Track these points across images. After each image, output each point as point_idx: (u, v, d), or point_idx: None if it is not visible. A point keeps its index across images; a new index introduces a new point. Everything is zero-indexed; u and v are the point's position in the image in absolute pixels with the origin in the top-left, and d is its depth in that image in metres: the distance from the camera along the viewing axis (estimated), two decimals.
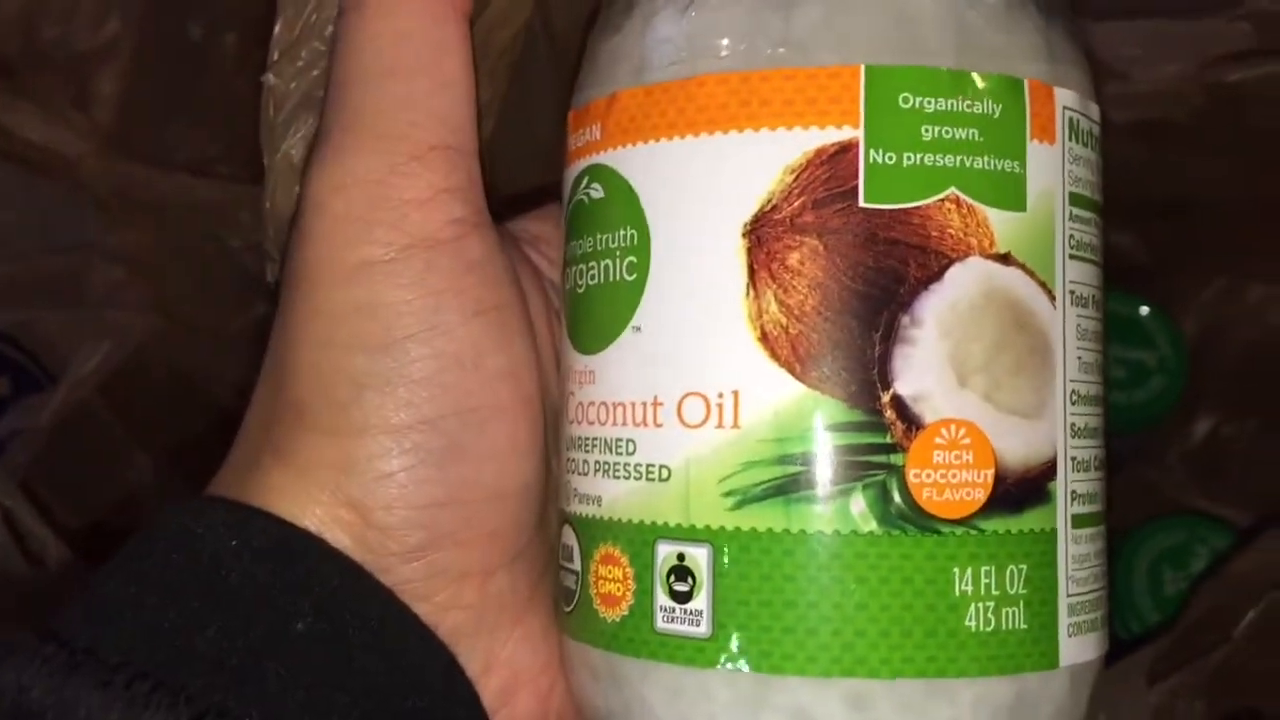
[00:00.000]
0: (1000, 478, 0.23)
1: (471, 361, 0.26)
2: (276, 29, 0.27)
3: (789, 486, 0.23)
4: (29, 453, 0.47)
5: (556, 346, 0.28)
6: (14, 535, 0.44)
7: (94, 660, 0.24)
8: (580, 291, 0.26)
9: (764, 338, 0.23)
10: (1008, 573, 0.23)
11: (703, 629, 0.24)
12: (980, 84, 0.24)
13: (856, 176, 0.23)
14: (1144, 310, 0.49)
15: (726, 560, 0.23)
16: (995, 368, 0.23)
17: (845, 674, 0.23)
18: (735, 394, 0.23)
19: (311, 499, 0.25)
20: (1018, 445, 0.24)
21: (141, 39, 0.44)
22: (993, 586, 0.23)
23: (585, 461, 0.26)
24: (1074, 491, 0.25)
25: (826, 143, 0.23)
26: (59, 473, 0.47)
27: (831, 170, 0.23)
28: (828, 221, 0.23)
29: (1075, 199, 0.25)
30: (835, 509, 0.23)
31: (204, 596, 0.25)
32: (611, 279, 0.25)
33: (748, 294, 0.23)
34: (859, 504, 0.23)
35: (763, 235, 0.23)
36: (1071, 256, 0.25)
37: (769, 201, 0.23)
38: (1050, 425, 0.24)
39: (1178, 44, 0.35)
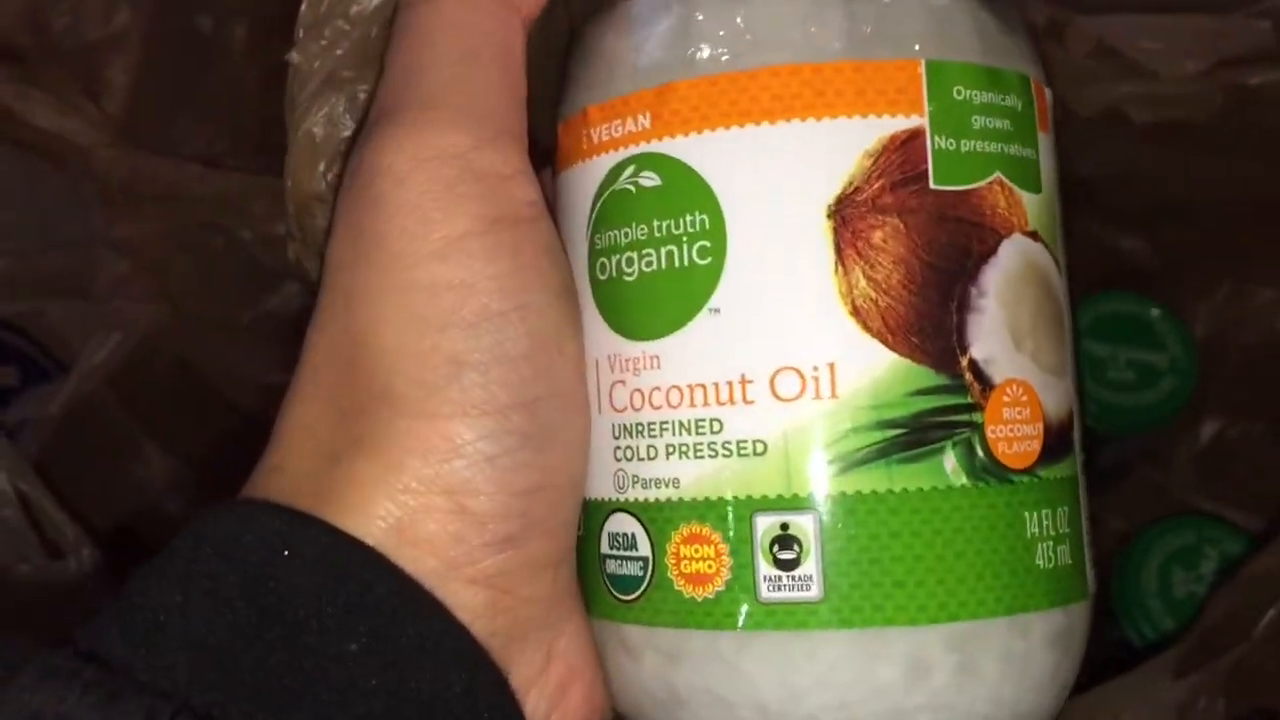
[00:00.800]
0: (1047, 429, 0.26)
1: (557, 344, 0.25)
2: (302, 7, 0.26)
3: (889, 449, 0.25)
4: (38, 442, 0.44)
5: None
6: (30, 520, 0.40)
7: (135, 687, 0.22)
8: (629, 279, 0.26)
9: (855, 311, 0.25)
10: (1058, 514, 0.26)
11: (813, 592, 0.25)
12: (1007, 79, 0.26)
13: (925, 161, 0.25)
14: (1155, 312, 0.49)
15: (834, 524, 0.25)
16: (1038, 331, 0.26)
17: (950, 619, 0.25)
18: (831, 366, 0.25)
19: (403, 488, 0.24)
20: (1055, 400, 0.26)
21: (151, 30, 0.40)
22: (1050, 527, 0.26)
23: (651, 447, 0.26)
24: (1081, 441, 0.28)
25: (899, 130, 0.25)
26: (67, 463, 0.44)
27: (905, 155, 0.25)
28: (905, 202, 0.25)
29: (1058, 182, 0.28)
30: (931, 467, 0.25)
31: (252, 611, 0.24)
32: (677, 264, 0.26)
33: (837, 271, 0.25)
34: (950, 460, 0.25)
35: (847, 216, 0.25)
36: (1063, 232, 0.28)
37: (850, 184, 0.25)
38: (1069, 381, 0.27)
39: (1197, 40, 0.36)
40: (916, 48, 0.26)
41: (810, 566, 0.25)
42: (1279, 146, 0.40)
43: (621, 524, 0.27)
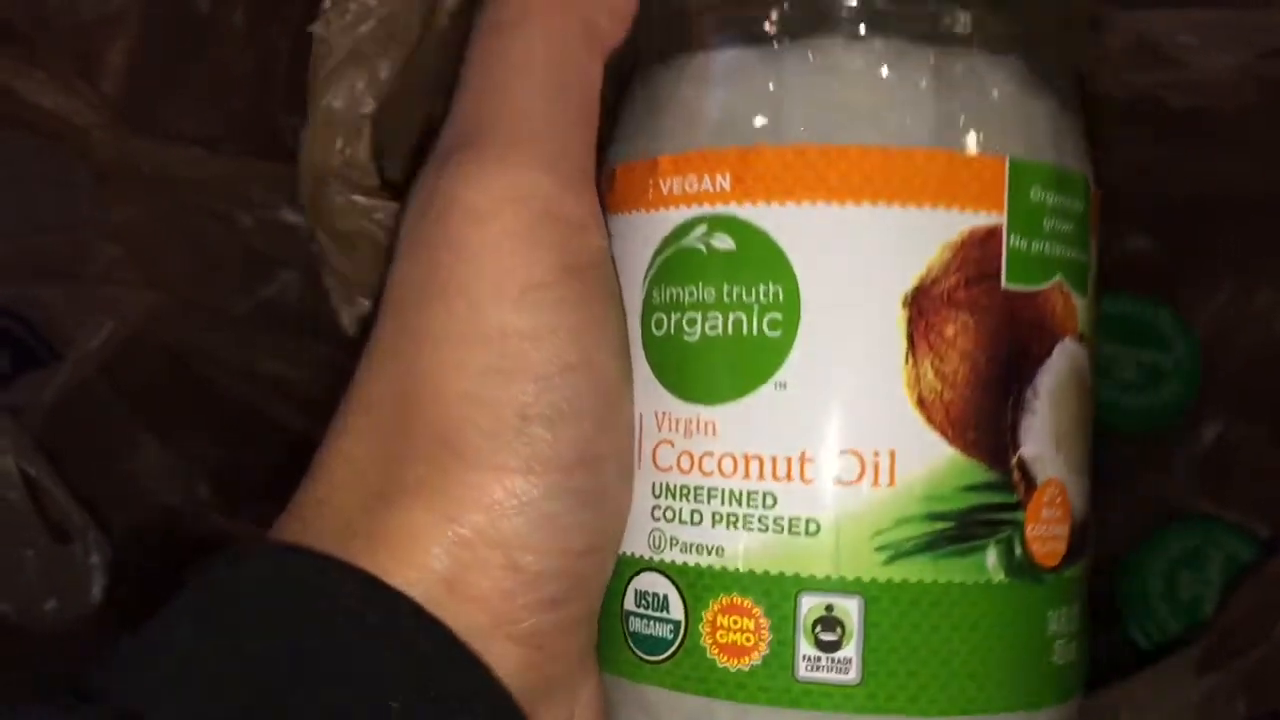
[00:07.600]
0: (1073, 529, 0.27)
1: (617, 402, 0.25)
2: None
3: (937, 542, 0.25)
4: (31, 430, 0.42)
5: None
6: (35, 503, 0.39)
7: None
8: (690, 340, 0.26)
9: (920, 402, 0.25)
10: (1072, 611, 0.27)
11: (851, 676, 0.25)
12: (1074, 182, 0.27)
13: (1000, 259, 0.25)
14: (1161, 313, 0.49)
15: (878, 611, 0.25)
16: (1074, 433, 0.27)
17: (980, 712, 0.25)
18: (892, 454, 0.25)
19: (458, 540, 0.23)
20: (1081, 500, 0.27)
21: (148, 11, 0.38)
22: (1066, 624, 0.27)
23: (696, 512, 0.26)
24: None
25: (978, 225, 0.25)
26: (60, 450, 0.42)
27: (982, 251, 0.25)
28: (978, 299, 0.25)
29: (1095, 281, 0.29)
30: (974, 562, 0.25)
31: (285, 668, 0.22)
32: (745, 333, 0.25)
33: (907, 361, 0.25)
34: (992, 558, 0.25)
35: (923, 307, 0.25)
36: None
37: (928, 275, 0.25)
38: (1087, 482, 0.28)
39: (1233, 33, 0.35)
40: (1003, 145, 0.26)
41: (851, 650, 0.25)
42: None
43: (652, 584, 0.26)
